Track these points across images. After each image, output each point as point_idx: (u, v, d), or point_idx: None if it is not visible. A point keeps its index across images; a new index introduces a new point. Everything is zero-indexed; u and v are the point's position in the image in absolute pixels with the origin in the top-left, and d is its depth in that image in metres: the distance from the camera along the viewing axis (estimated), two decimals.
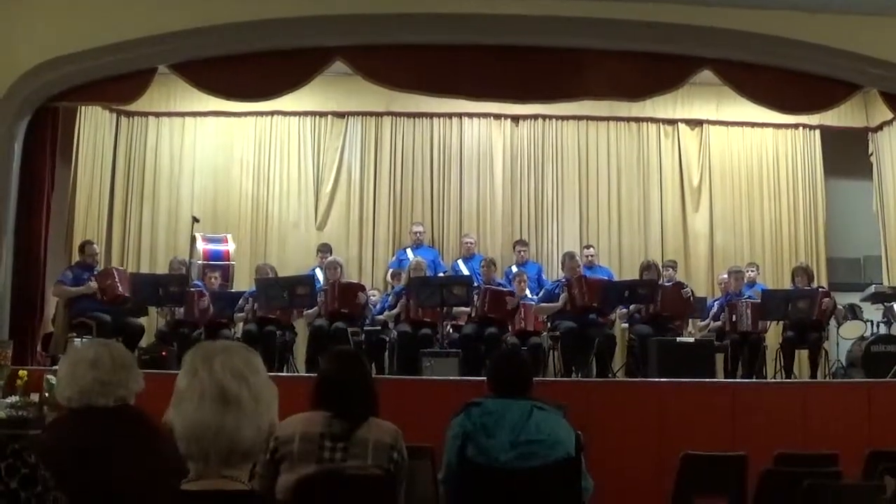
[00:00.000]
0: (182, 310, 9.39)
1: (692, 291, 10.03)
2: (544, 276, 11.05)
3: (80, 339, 8.21)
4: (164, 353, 8.68)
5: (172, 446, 1.93)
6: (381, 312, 10.02)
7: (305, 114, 12.10)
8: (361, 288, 9.85)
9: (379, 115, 12.14)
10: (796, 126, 12.31)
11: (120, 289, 9.28)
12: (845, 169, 12.36)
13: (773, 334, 10.17)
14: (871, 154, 11.93)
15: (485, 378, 4.29)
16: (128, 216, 11.88)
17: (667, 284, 10.00)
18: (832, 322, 10.05)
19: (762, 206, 12.29)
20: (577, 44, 9.52)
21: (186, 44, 9.21)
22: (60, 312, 9.29)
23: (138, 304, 9.62)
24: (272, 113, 11.96)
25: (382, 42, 9.47)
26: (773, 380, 9.42)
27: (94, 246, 9.80)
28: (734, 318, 9.66)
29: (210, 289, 9.87)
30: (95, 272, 9.47)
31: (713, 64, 9.68)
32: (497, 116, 12.21)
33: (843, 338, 10.22)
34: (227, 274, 10.51)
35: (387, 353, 9.59)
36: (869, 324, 10.19)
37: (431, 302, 9.15)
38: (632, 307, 9.78)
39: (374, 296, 10.56)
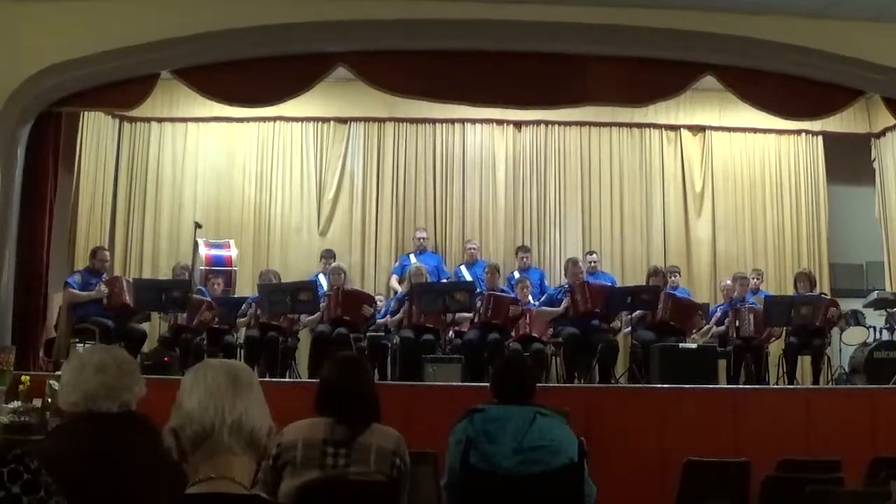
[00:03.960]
0: (185, 315, 9.38)
1: (701, 317, 10.03)
2: (547, 282, 11.04)
3: (82, 345, 8.21)
4: (166, 359, 8.67)
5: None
6: (382, 317, 10.02)
7: (308, 119, 12.11)
8: (371, 300, 9.82)
9: (381, 120, 12.15)
10: (799, 132, 12.31)
11: (126, 298, 9.31)
12: (848, 175, 12.35)
13: (776, 340, 10.15)
14: (874, 160, 11.92)
15: (488, 384, 4.29)
16: (130, 221, 11.88)
17: (683, 295, 10.02)
18: (835, 328, 10.04)
19: (765, 212, 12.29)
20: (580, 50, 9.52)
21: (189, 49, 9.22)
22: (63, 318, 9.29)
23: (141, 311, 9.63)
24: (275, 118, 11.97)
25: (385, 48, 9.48)
26: (775, 386, 9.41)
27: (105, 252, 9.87)
28: (738, 324, 9.67)
29: (213, 294, 9.89)
30: (104, 278, 9.51)
31: (716, 70, 9.69)
32: (500, 122, 12.21)
33: (846, 344, 10.20)
34: (229, 279, 10.52)
35: (389, 359, 9.58)
36: (871, 330, 10.18)
37: (434, 308, 9.15)
38: (636, 314, 9.76)
39: (378, 301, 10.55)
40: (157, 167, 12.00)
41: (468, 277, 10.57)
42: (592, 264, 10.74)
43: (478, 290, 9.74)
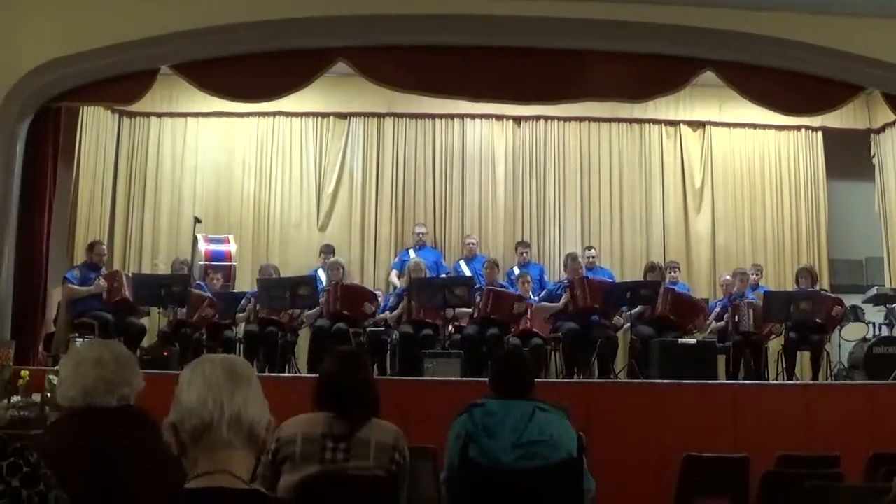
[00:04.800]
0: (184, 310, 9.39)
1: (705, 319, 10.04)
2: (546, 278, 11.04)
3: (81, 339, 8.22)
4: (165, 354, 8.67)
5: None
6: (382, 312, 10.01)
7: (307, 114, 12.09)
8: (372, 297, 9.81)
9: (381, 115, 12.14)
10: (798, 128, 12.30)
11: (126, 292, 9.31)
12: (847, 170, 12.35)
13: (776, 337, 10.15)
14: (874, 155, 11.91)
15: (487, 379, 4.29)
16: (130, 216, 11.88)
17: (684, 291, 10.02)
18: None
19: (764, 208, 12.28)
20: (580, 45, 9.52)
21: (188, 44, 9.22)
22: (62, 312, 9.29)
23: (140, 306, 9.63)
24: (274, 113, 11.96)
25: (385, 43, 9.48)
26: (774, 381, 9.41)
27: (103, 246, 9.86)
28: (737, 320, 9.67)
29: (212, 289, 9.89)
30: (102, 272, 9.51)
31: (715, 65, 9.69)
32: (499, 117, 12.20)
33: (845, 339, 10.21)
34: (228, 275, 10.51)
35: (388, 354, 9.58)
36: (871, 325, 10.18)
37: (433, 303, 9.15)
38: (637, 309, 9.75)
39: (377, 296, 10.54)
40: (157, 162, 11.99)
41: (467, 272, 10.59)
42: (591, 259, 10.74)
43: (477, 285, 9.74)
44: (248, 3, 8.99)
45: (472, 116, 12.18)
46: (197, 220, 10.18)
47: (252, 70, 9.46)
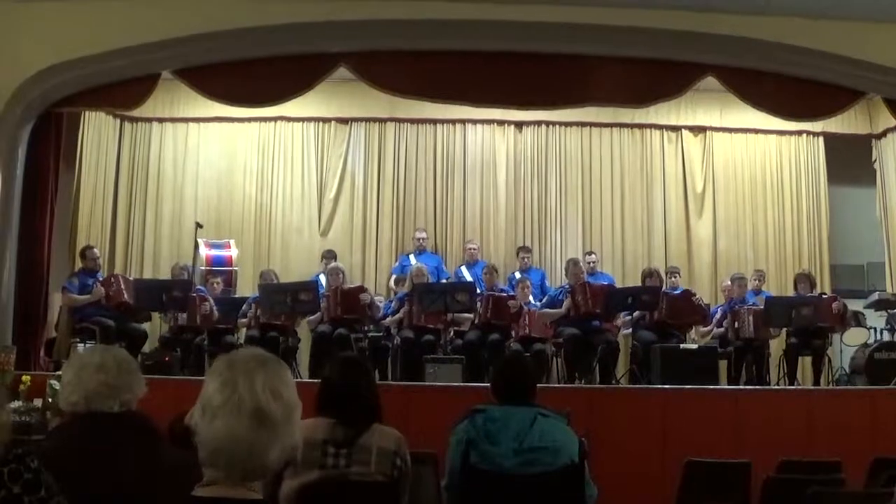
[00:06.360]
0: (185, 315, 9.38)
1: (705, 308, 10.03)
2: (547, 283, 11.04)
3: (83, 345, 8.22)
4: (167, 359, 8.68)
5: (177, 452, 1.93)
6: (384, 318, 10.01)
7: (309, 120, 12.10)
8: (362, 289, 9.82)
9: (382, 121, 12.15)
10: (800, 133, 12.30)
11: (125, 296, 9.30)
12: (849, 176, 12.35)
13: (777, 341, 10.14)
14: (875, 161, 11.92)
15: (488, 384, 4.29)
16: (131, 221, 11.88)
17: (675, 293, 10.01)
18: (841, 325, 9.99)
19: (766, 213, 12.28)
20: (581, 50, 9.53)
21: (190, 49, 9.22)
22: (64, 318, 9.29)
23: (141, 311, 9.63)
24: (276, 119, 11.97)
25: (386, 48, 9.49)
26: (776, 387, 9.40)
27: (95, 250, 9.84)
28: (737, 325, 9.66)
29: (213, 294, 9.88)
30: (100, 277, 9.51)
31: (717, 70, 9.69)
32: (500, 123, 12.20)
33: (847, 345, 10.20)
34: (229, 279, 10.52)
35: (390, 359, 9.58)
36: (872, 331, 10.17)
37: (435, 308, 9.15)
38: (636, 314, 9.75)
39: (378, 301, 10.53)
40: (158, 167, 12.00)
41: (468, 278, 10.57)
42: (591, 265, 10.72)
43: (478, 290, 9.73)
44: (249, 8, 8.98)
45: (474, 122, 12.18)
46: (198, 226, 10.19)
47: (253, 75, 9.47)
